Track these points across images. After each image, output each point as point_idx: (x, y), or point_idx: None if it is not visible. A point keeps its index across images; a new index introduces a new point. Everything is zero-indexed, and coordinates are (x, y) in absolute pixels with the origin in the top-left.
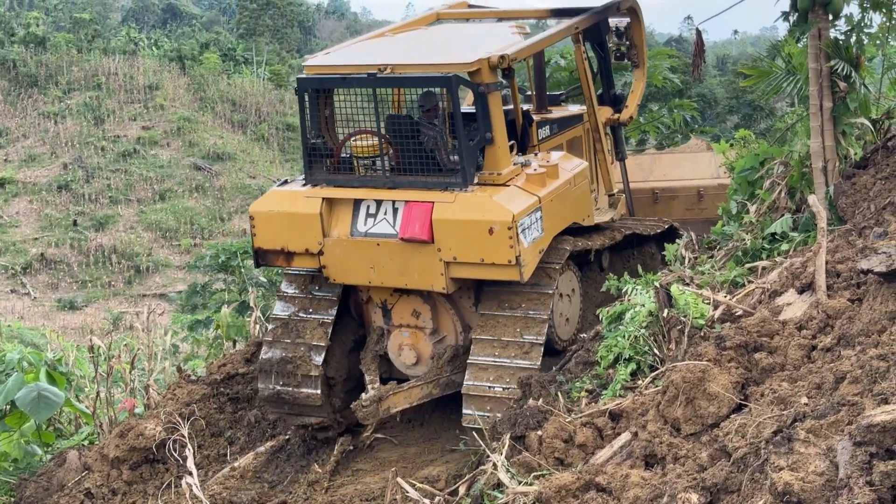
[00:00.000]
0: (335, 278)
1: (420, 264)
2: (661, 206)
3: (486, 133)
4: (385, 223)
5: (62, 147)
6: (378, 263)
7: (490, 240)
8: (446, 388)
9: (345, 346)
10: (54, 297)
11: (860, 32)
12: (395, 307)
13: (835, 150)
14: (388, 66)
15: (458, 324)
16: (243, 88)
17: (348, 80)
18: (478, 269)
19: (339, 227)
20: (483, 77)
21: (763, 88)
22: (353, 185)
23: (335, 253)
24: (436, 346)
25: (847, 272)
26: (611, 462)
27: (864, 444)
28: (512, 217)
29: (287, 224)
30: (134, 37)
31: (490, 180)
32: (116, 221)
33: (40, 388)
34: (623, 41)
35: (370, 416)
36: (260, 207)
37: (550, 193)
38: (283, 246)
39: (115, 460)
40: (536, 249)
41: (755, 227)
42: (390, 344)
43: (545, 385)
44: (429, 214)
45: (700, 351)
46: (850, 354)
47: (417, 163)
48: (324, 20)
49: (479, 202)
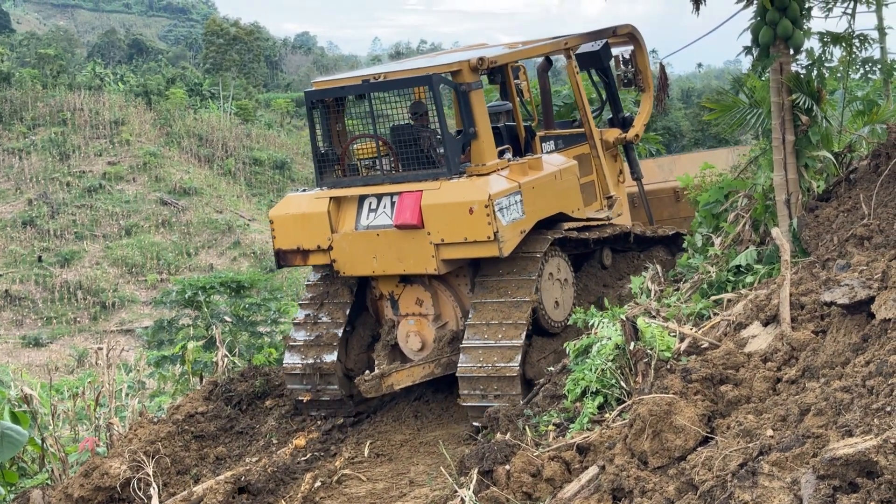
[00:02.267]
0: (344, 271)
1: (414, 249)
2: (682, 204)
3: (469, 128)
4: (384, 215)
5: (27, 183)
6: (379, 252)
7: (471, 219)
8: (447, 368)
9: (363, 342)
10: (19, 333)
11: (821, 66)
12: (401, 297)
13: (798, 182)
14: (381, 75)
15: (458, 310)
16: (210, 123)
17: (346, 88)
18: (463, 248)
19: (345, 223)
20: (464, 77)
21: (727, 122)
22: (357, 184)
23: (342, 246)
24: (438, 332)
25: (811, 304)
26: (578, 496)
27: (828, 478)
28: (488, 196)
29: (301, 224)
30: (100, 72)
31: (476, 171)
32: (82, 257)
33: (3, 426)
34: (629, 68)
35: (372, 390)
36: (277, 212)
37: (531, 182)
38: (298, 245)
39: (79, 500)
40: (517, 229)
41: (720, 259)
42: (399, 332)
43: (512, 419)
44: (418, 201)
45: (666, 384)
46: (815, 386)
47: (413, 161)
48: (290, 55)
49: (460, 187)
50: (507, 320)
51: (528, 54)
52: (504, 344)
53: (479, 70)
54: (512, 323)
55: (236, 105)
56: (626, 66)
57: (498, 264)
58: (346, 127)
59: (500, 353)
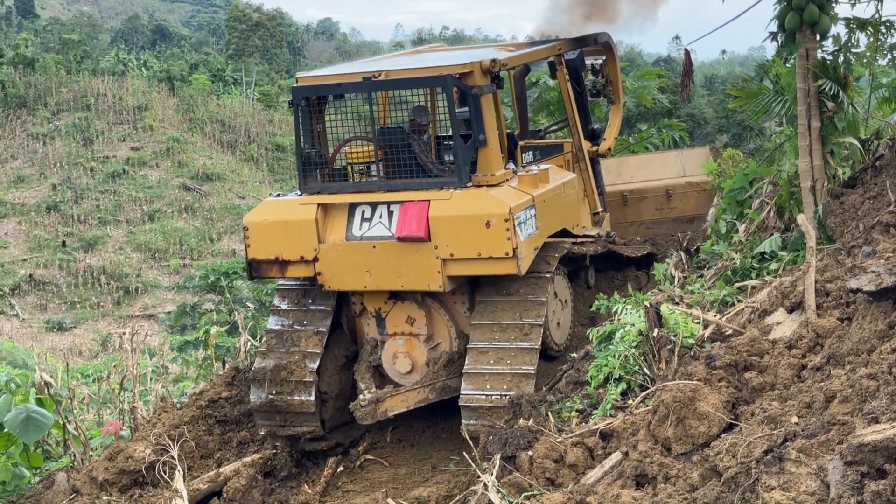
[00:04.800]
0: (330, 285)
1: (417, 264)
2: (630, 208)
3: (479, 135)
4: (381, 226)
5: (51, 168)
6: (374, 266)
7: (487, 233)
8: (442, 393)
9: (337, 362)
10: (43, 318)
11: (847, 52)
12: (389, 315)
13: (823, 169)
14: (381, 73)
15: (453, 330)
16: (232, 109)
17: (343, 86)
18: (475, 265)
19: (334, 232)
20: (476, 79)
21: (752, 109)
22: (347, 191)
23: (330, 258)
24: (430, 353)
25: (836, 291)
26: (601, 482)
27: (856, 464)
28: (509, 209)
29: (282, 232)
30: (123, 58)
31: (484, 181)
32: (105, 242)
33: (29, 409)
34: (599, 78)
35: (368, 417)
36: (254, 218)
37: (543, 194)
38: (277, 255)
39: (104, 483)
40: (532, 246)
41: (744, 246)
42: (384, 353)
43: (535, 405)
44: (425, 212)
45: (690, 370)
46: (840, 374)
47: (410, 169)
48: (313, 41)
49: (475, 198)
50: (517, 345)
51: (532, 57)
52: (514, 371)
53: (490, 72)
54: (523, 348)
55: (259, 91)
56: (596, 76)
57: (502, 283)
58: (327, 127)
59: (510, 380)
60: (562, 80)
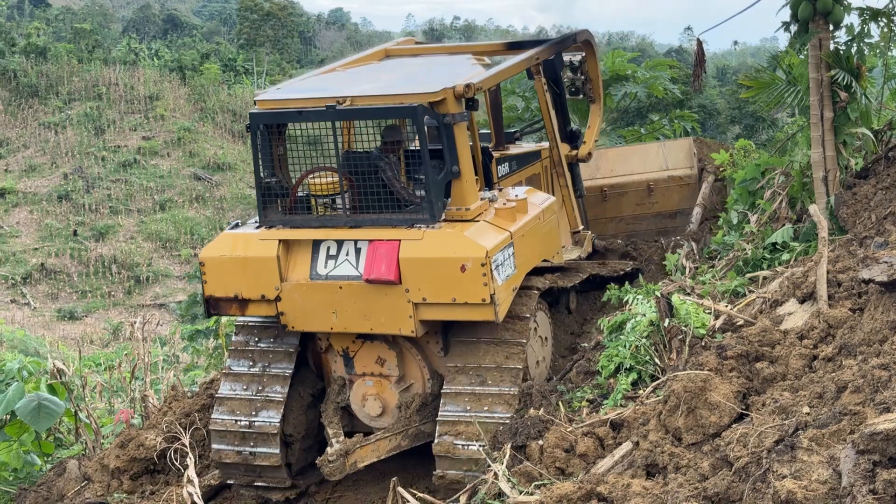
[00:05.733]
0: (293, 326)
1: (386, 307)
2: (610, 203)
3: (452, 166)
4: (347, 265)
5: (62, 157)
6: (340, 308)
7: (462, 277)
8: (415, 440)
9: (303, 401)
10: (54, 307)
11: (861, 42)
12: (357, 355)
13: (836, 160)
14: (346, 99)
15: (426, 370)
16: (244, 99)
17: (305, 115)
18: (449, 310)
19: (297, 270)
20: (448, 107)
21: (764, 100)
22: (311, 225)
23: (294, 298)
24: (402, 395)
25: (848, 282)
26: (612, 472)
27: (868, 453)
28: (485, 253)
29: (241, 269)
30: (134, 47)
31: (458, 216)
32: (116, 231)
33: (40, 397)
34: (578, 76)
35: (336, 472)
36: (211, 252)
37: (521, 228)
38: (236, 293)
39: (115, 470)
40: (510, 287)
41: (756, 236)
42: (353, 394)
43: (546, 395)
44: (395, 253)
45: (701, 360)
46: (852, 364)
47: (379, 200)
48: (324, 31)
49: (449, 238)
50: (495, 390)
51: (508, 74)
52: (492, 419)
53: (464, 98)
54: (501, 394)
55: (270, 81)
56: (575, 74)
57: (480, 323)
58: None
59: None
60: (539, 89)
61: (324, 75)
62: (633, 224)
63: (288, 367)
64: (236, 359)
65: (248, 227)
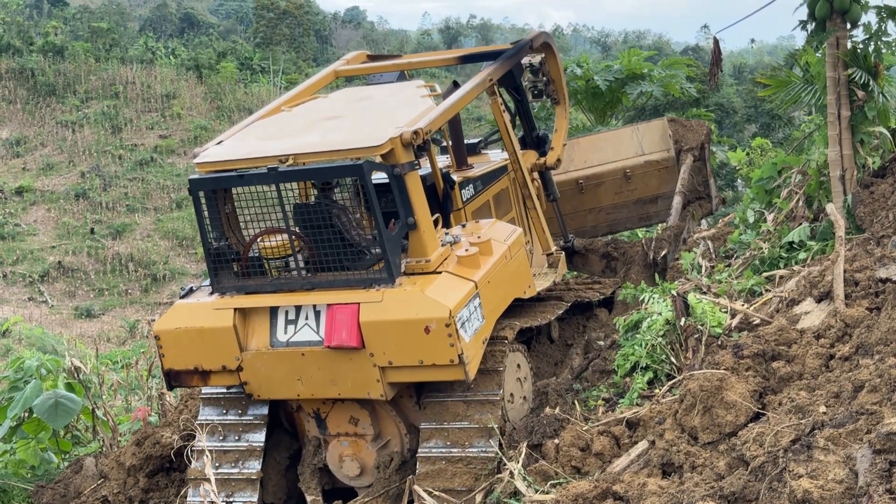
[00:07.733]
0: (259, 394)
1: (352, 371)
2: (587, 195)
3: (408, 218)
4: (308, 329)
5: (80, 155)
6: (305, 374)
7: (427, 339)
8: (398, 500)
9: (280, 466)
10: (71, 304)
11: (878, 41)
12: (329, 416)
13: (853, 158)
14: (289, 157)
15: (402, 426)
16: (260, 97)
17: (247, 178)
18: (417, 372)
19: (256, 338)
20: (397, 157)
21: (781, 98)
22: (266, 290)
23: (256, 367)
24: (380, 453)
25: (865, 281)
26: (628, 470)
27: (884, 452)
28: (448, 312)
29: (198, 340)
30: (151, 46)
31: (418, 269)
32: (133, 230)
33: (58, 395)
34: (539, 77)
35: None
36: (166, 325)
37: (487, 275)
38: (196, 365)
39: (131, 468)
40: (479, 341)
41: (772, 235)
42: (329, 455)
43: (562, 393)
44: (355, 317)
45: (717, 359)
46: (869, 363)
47: (335, 258)
48: (340, 29)
49: (409, 298)
50: (471, 452)
51: (459, 107)
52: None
53: (413, 145)
54: (478, 455)
55: (286, 79)
56: (536, 76)
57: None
58: (236, 208)
59: (464, 495)
60: (496, 111)
61: (268, 119)
62: (614, 213)
63: (260, 435)
64: (208, 434)
65: (202, 292)
